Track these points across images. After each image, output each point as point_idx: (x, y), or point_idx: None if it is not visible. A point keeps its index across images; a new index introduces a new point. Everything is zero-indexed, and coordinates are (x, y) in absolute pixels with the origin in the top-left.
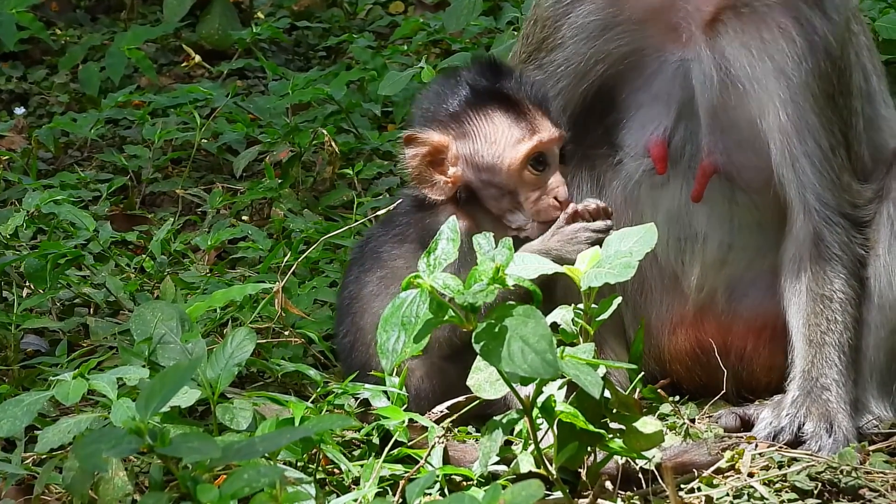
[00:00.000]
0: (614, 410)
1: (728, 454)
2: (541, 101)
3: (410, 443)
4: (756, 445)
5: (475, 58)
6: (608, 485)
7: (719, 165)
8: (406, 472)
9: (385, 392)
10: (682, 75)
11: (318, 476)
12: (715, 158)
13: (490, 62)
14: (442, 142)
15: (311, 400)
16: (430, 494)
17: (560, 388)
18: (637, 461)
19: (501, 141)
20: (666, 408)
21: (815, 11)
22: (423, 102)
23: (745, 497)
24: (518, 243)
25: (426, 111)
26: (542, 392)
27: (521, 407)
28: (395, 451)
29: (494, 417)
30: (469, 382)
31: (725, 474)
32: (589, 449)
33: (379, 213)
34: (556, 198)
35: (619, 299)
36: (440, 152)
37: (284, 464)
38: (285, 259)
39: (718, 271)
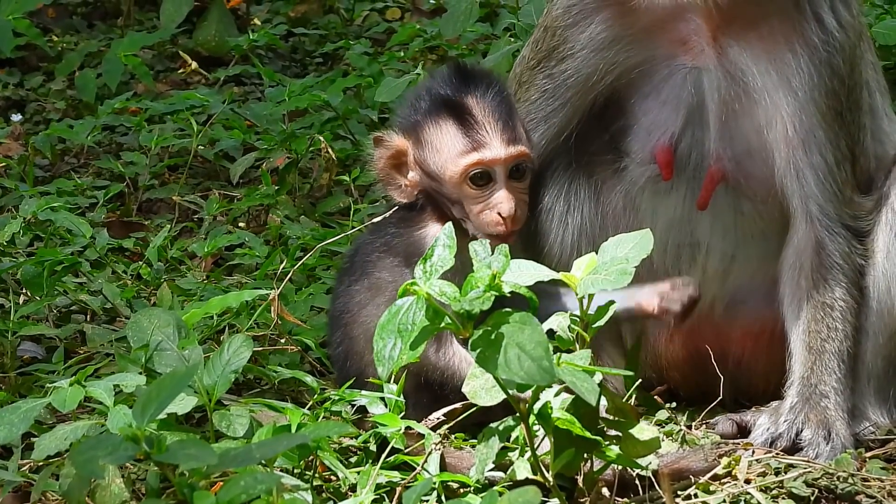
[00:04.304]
0: (611, 417)
1: (725, 461)
2: (500, 116)
3: (407, 450)
4: (753, 452)
5: (448, 64)
6: (605, 491)
7: (727, 172)
8: (403, 478)
9: (382, 399)
10: (693, 82)
11: (314, 483)
12: (723, 165)
13: (460, 69)
14: (402, 146)
15: (307, 407)
16: (427, 501)
17: (557, 394)
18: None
19: (445, 151)
20: (663, 414)
21: (821, 29)
22: (401, 104)
23: (742, 503)
24: None
25: (398, 114)
26: (538, 398)
27: (517, 413)
28: (392, 458)
29: (491, 424)
30: (465, 389)
31: (722, 481)
32: (585, 455)
33: (375, 219)
34: (499, 213)
35: (615, 305)
36: (402, 155)
37: (281, 471)
38: (282, 266)
39: (721, 282)
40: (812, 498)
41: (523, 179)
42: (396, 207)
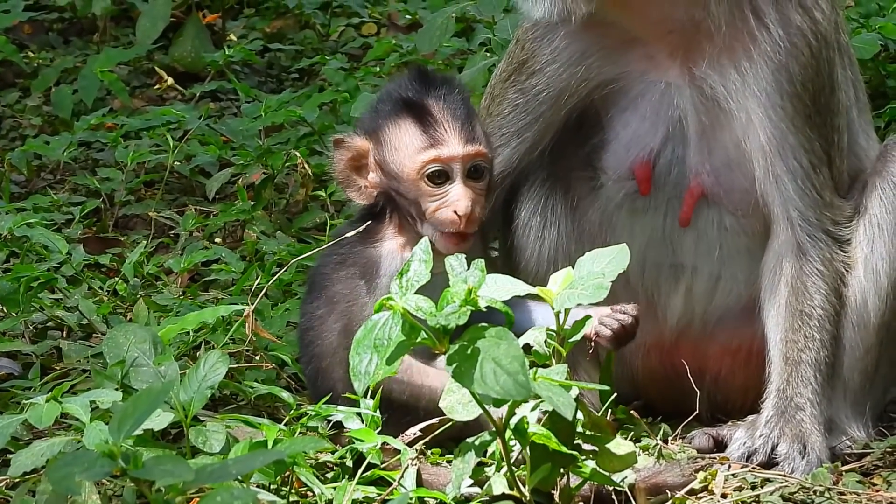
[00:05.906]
0: (587, 432)
1: (701, 475)
2: (459, 115)
3: (384, 465)
4: (729, 466)
5: (410, 68)
6: None
7: (706, 188)
8: (379, 494)
9: (358, 414)
10: (669, 98)
11: (291, 499)
12: (702, 179)
13: (421, 73)
14: (363, 147)
15: (284, 422)
16: None
17: (533, 409)
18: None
19: (403, 150)
20: (639, 429)
21: (770, 35)
22: (364, 109)
23: None
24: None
25: (360, 118)
26: (514, 413)
27: (493, 429)
28: (369, 474)
29: (467, 439)
30: (441, 404)
31: (698, 495)
32: (562, 470)
33: (341, 237)
34: (455, 211)
35: (591, 320)
36: (362, 157)
37: (257, 486)
38: (257, 281)
39: (706, 303)
40: None
41: (481, 180)
42: (364, 226)
